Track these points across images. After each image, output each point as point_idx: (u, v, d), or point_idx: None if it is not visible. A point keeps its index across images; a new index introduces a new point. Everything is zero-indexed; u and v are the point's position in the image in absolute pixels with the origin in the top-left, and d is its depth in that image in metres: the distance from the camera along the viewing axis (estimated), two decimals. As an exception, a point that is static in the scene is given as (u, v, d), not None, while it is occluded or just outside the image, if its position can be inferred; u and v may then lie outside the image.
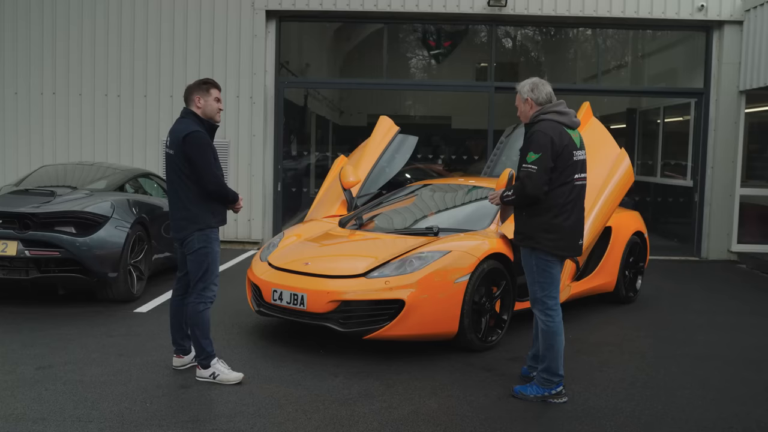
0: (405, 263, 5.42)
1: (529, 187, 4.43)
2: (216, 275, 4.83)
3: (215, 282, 4.84)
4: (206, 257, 4.77)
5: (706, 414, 4.47)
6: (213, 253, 4.80)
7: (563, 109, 4.56)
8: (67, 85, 11.03)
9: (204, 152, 4.69)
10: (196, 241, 4.76)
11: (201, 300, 4.78)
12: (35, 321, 6.19)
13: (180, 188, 4.77)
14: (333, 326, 5.31)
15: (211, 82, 4.90)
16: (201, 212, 4.75)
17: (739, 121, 10.99)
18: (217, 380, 4.74)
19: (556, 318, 4.58)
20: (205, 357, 4.79)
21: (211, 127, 4.88)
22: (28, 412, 4.17)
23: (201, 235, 4.76)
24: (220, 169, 4.83)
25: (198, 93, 4.84)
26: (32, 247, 6.45)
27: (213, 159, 4.74)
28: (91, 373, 4.87)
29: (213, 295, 4.84)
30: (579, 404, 4.54)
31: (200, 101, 4.83)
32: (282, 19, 11.25)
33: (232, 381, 4.75)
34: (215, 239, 4.82)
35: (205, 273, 4.79)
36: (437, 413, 4.34)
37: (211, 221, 4.79)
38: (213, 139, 4.88)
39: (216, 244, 4.82)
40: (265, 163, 11.18)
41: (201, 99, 4.83)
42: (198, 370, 4.83)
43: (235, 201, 4.93)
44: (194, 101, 4.84)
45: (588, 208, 5.23)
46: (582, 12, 10.92)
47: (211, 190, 4.73)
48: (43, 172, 8.18)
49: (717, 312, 7.42)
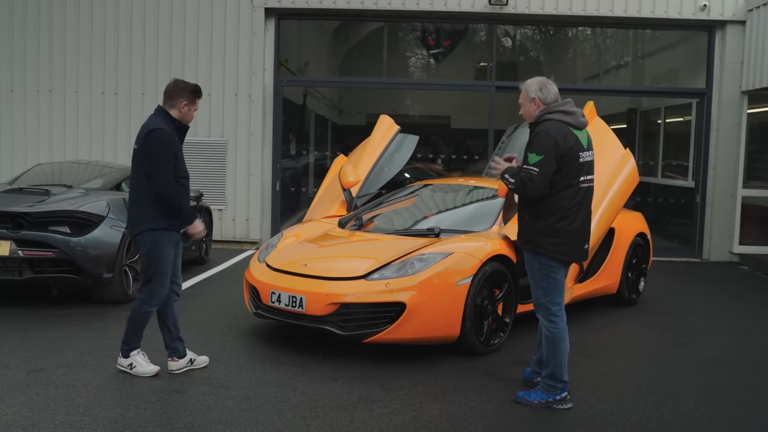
0: (406, 265, 5.31)
1: (530, 190, 4.31)
2: (165, 278, 4.74)
3: (164, 285, 4.75)
4: (154, 259, 4.70)
5: (714, 421, 4.37)
6: (162, 255, 4.70)
7: (570, 109, 4.41)
8: (64, 83, 10.91)
9: (163, 151, 4.60)
10: (146, 241, 4.69)
11: (147, 302, 4.75)
12: (28, 323, 6.07)
13: (138, 185, 4.71)
14: (332, 329, 5.20)
15: (200, 91, 4.88)
16: (150, 212, 4.66)
17: (742, 121, 10.89)
18: (133, 371, 4.78)
19: (560, 324, 4.46)
20: (128, 348, 4.82)
21: (181, 127, 4.83)
22: (18, 418, 4.05)
23: (152, 235, 4.67)
24: (186, 172, 4.78)
25: (186, 99, 4.79)
26: (26, 247, 6.33)
27: (171, 160, 4.63)
28: (84, 377, 4.76)
29: (160, 298, 4.77)
30: (584, 410, 4.44)
31: (185, 108, 4.80)
32: (281, 16, 11.13)
33: (147, 374, 4.77)
34: (168, 242, 4.72)
35: (154, 275, 4.71)
36: (439, 420, 4.23)
37: (163, 223, 4.67)
38: (183, 140, 4.84)
39: (168, 247, 4.72)
40: (264, 162, 11.06)
41: (186, 106, 4.80)
42: (119, 359, 4.87)
43: (187, 220, 4.77)
44: (179, 105, 4.77)
45: (593, 210, 5.11)
46: (584, 11, 10.82)
47: (155, 191, 4.60)
48: (38, 171, 8.07)
49: (721, 315, 7.32)
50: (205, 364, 5.06)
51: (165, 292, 4.78)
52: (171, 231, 4.73)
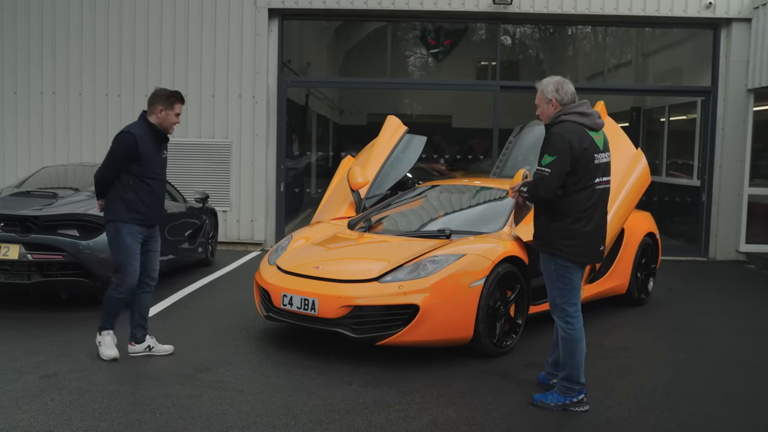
0: (419, 267, 5.28)
1: (542, 191, 4.29)
2: (131, 267, 5.10)
3: (131, 274, 5.11)
4: (117, 249, 5.11)
5: (734, 423, 4.34)
6: (125, 246, 5.08)
7: (586, 110, 4.37)
8: (67, 85, 10.88)
9: (116, 150, 5.08)
10: (110, 231, 5.15)
11: (116, 289, 5.14)
12: (38, 327, 6.04)
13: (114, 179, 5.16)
14: (345, 332, 5.18)
15: (177, 96, 5.21)
16: (115, 204, 5.10)
17: (747, 119, 10.88)
18: (99, 346, 5.20)
19: (576, 325, 4.44)
20: (101, 327, 5.23)
21: (159, 132, 5.19)
22: (35, 423, 4.02)
23: (113, 226, 5.12)
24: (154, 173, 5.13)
25: (162, 104, 5.15)
26: (34, 251, 6.31)
27: (122, 161, 5.04)
28: (98, 381, 4.73)
29: (129, 286, 5.13)
30: (601, 413, 4.42)
31: (162, 113, 5.16)
32: (284, 17, 11.10)
33: (106, 357, 5.13)
34: (129, 234, 5.08)
35: (120, 266, 5.11)
36: (456, 423, 4.20)
37: (125, 216, 5.07)
38: (161, 147, 5.23)
39: (129, 238, 5.08)
40: (268, 163, 11.03)
41: (163, 111, 5.15)
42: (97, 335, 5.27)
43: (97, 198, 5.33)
44: (156, 111, 5.15)
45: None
46: (588, 10, 10.80)
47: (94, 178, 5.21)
48: (44, 174, 8.03)
49: (730, 315, 7.30)
50: (168, 352, 5.37)
51: (133, 281, 5.14)
52: (132, 224, 5.10)
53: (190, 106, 10.67)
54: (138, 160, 5.06)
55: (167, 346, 5.42)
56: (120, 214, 5.08)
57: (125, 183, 5.09)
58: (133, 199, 5.08)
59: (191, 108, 10.64)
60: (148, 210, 5.15)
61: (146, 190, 5.12)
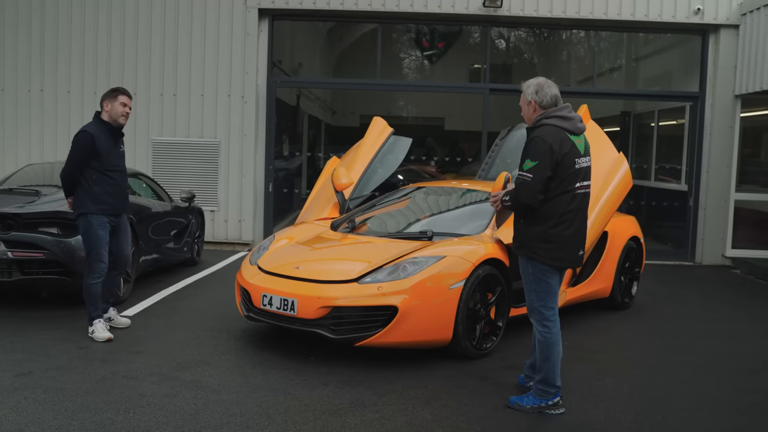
0: (398, 268, 5.28)
1: (524, 196, 4.28)
2: (100, 255, 5.61)
3: (101, 260, 5.63)
4: (87, 239, 5.63)
5: (706, 426, 4.35)
6: (94, 237, 5.61)
7: (567, 114, 4.36)
8: (56, 83, 10.85)
9: (75, 149, 5.60)
10: (80, 224, 5.68)
11: (90, 275, 5.66)
12: (16, 325, 6.02)
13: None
14: (324, 333, 5.17)
15: (120, 90, 5.73)
16: (82, 198, 5.63)
17: (735, 125, 10.93)
18: (93, 336, 5.62)
19: (553, 329, 4.44)
20: (90, 318, 5.71)
21: (112, 129, 5.71)
22: (5, 422, 4.00)
23: (82, 218, 5.65)
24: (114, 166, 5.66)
25: (107, 99, 5.69)
26: (15, 249, 6.27)
27: (83, 158, 5.53)
28: (73, 380, 4.71)
29: (101, 272, 5.65)
30: (576, 416, 4.42)
31: (108, 106, 5.69)
32: (275, 17, 11.09)
33: (100, 339, 5.57)
34: (98, 225, 5.61)
35: (90, 253, 5.65)
36: (431, 424, 4.20)
37: (92, 207, 5.60)
38: (117, 142, 5.76)
39: (99, 229, 5.61)
40: (256, 163, 11.02)
41: (108, 104, 5.68)
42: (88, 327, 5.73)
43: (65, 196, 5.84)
44: (104, 108, 5.70)
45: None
46: (578, 14, 10.83)
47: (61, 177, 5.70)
48: (28, 171, 8.00)
49: (713, 319, 7.32)
50: (125, 325, 5.98)
51: (103, 266, 5.66)
52: (100, 215, 5.62)
53: (179, 105, 10.66)
54: (97, 156, 5.58)
55: (125, 319, 6.03)
56: (88, 207, 5.59)
57: (89, 178, 5.60)
58: (98, 192, 5.60)
59: (180, 107, 10.63)
60: (113, 200, 5.69)
61: (110, 183, 5.66)
